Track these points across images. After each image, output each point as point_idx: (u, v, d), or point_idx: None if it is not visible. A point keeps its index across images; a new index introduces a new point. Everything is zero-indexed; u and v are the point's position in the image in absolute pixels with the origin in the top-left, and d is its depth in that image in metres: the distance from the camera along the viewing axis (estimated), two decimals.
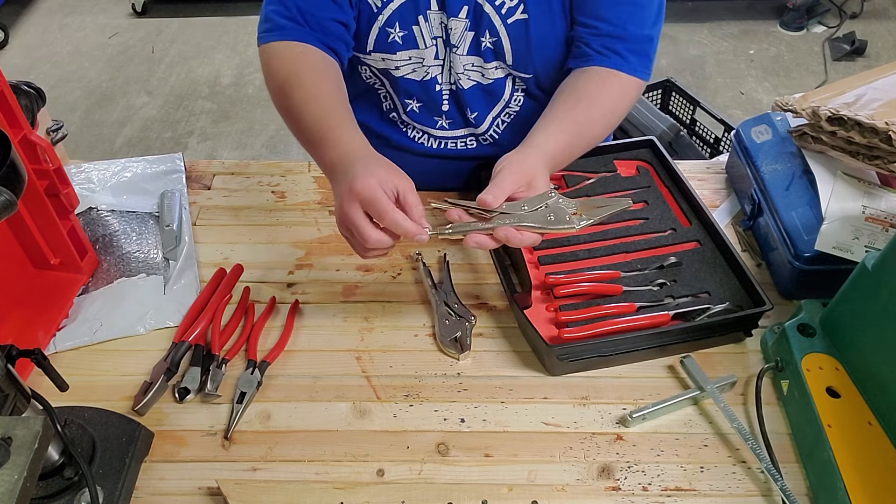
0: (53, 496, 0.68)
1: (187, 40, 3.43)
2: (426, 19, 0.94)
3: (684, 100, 2.29)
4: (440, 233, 0.77)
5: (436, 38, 0.95)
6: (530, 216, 0.77)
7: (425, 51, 0.96)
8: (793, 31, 3.33)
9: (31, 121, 0.94)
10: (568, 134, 0.87)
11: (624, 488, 0.75)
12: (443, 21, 0.94)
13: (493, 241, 0.76)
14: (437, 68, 0.98)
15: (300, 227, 1.05)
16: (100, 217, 1.06)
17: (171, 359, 0.84)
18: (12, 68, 3.15)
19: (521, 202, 0.78)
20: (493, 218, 0.77)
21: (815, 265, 0.87)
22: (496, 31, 0.93)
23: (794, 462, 0.77)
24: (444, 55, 0.97)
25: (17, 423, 0.55)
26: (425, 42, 0.95)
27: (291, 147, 2.79)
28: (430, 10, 0.93)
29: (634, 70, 0.93)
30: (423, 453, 0.78)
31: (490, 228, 0.76)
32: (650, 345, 0.85)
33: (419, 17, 0.93)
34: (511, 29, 0.93)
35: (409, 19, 0.94)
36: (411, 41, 0.95)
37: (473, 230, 0.76)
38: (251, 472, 0.76)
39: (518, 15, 0.92)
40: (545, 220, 0.77)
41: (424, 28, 0.94)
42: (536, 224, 0.77)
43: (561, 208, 0.78)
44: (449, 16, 0.93)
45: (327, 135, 0.83)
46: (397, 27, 0.94)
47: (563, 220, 0.77)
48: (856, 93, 0.92)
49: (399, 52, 0.96)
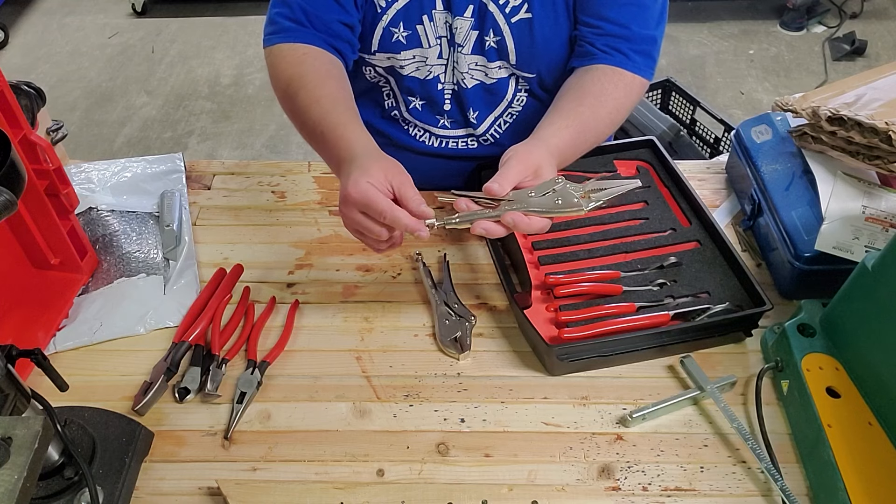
0: (53, 496, 0.68)
1: (187, 40, 3.43)
2: (431, 18, 0.94)
3: (684, 100, 2.28)
4: (447, 223, 0.77)
5: (440, 38, 0.96)
6: (538, 201, 0.77)
7: (429, 50, 0.96)
8: (793, 31, 3.33)
9: (31, 121, 0.94)
10: (574, 129, 0.87)
11: (624, 488, 0.75)
12: (447, 21, 0.94)
13: (500, 228, 0.76)
14: (439, 67, 0.99)
15: (300, 227, 1.05)
16: (100, 217, 1.06)
17: (171, 359, 0.84)
18: (12, 68, 3.15)
19: (528, 190, 0.78)
20: (500, 206, 0.77)
21: (815, 265, 0.87)
22: (500, 30, 0.93)
23: (794, 462, 0.77)
24: (448, 55, 0.97)
25: (17, 423, 0.55)
26: (429, 41, 0.95)
27: (291, 147, 2.79)
28: (436, 9, 0.93)
29: (638, 69, 0.93)
30: (423, 453, 0.78)
31: (497, 216, 0.76)
32: (650, 345, 0.85)
33: (423, 16, 0.94)
34: (515, 28, 0.93)
35: (414, 19, 0.94)
36: (415, 40, 0.95)
37: (481, 218, 0.76)
38: (251, 472, 0.76)
39: (522, 14, 0.92)
40: (553, 203, 0.77)
41: (429, 27, 0.94)
42: (544, 209, 0.77)
43: (569, 192, 0.78)
44: (454, 15, 0.93)
45: (330, 134, 0.84)
46: (401, 27, 0.94)
47: (571, 204, 0.77)
48: (856, 93, 0.92)
49: (403, 51, 0.96)
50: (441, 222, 0.76)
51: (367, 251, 1.01)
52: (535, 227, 0.77)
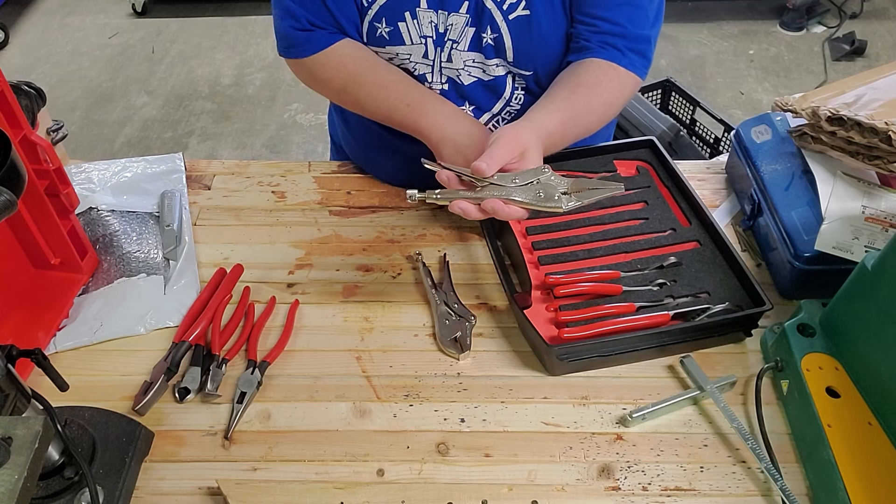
0: (53, 496, 0.68)
1: (187, 40, 3.43)
2: (414, 16, 0.93)
3: (684, 100, 2.28)
4: (427, 196, 0.78)
5: (425, 38, 0.95)
6: (520, 190, 0.78)
7: (412, 47, 0.96)
8: (793, 32, 3.33)
9: (31, 121, 0.94)
10: (565, 115, 0.89)
11: (624, 488, 0.75)
12: (433, 20, 0.94)
13: (478, 212, 0.77)
14: (425, 66, 0.98)
15: (300, 227, 1.05)
16: (100, 217, 1.06)
17: (172, 359, 0.84)
18: (12, 68, 3.15)
19: (513, 175, 0.79)
20: (482, 189, 0.77)
21: (815, 265, 0.87)
22: (497, 26, 0.93)
23: (794, 462, 0.77)
24: (435, 55, 0.97)
25: (17, 423, 0.55)
26: (412, 39, 0.95)
27: (291, 147, 2.80)
28: (420, 7, 0.93)
29: (633, 66, 0.94)
30: (423, 453, 0.78)
31: (478, 198, 0.77)
32: (650, 345, 0.85)
33: (406, 13, 0.93)
34: (513, 25, 0.93)
35: (396, 16, 0.94)
36: (397, 37, 0.95)
37: (462, 198, 0.77)
38: (251, 472, 0.76)
39: (520, 11, 0.92)
40: (535, 195, 0.78)
41: (412, 25, 0.94)
42: (525, 199, 0.77)
43: (552, 185, 0.78)
44: (449, 11, 0.93)
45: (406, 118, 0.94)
46: (384, 22, 0.94)
47: (551, 199, 0.78)
48: (856, 93, 0.92)
49: (388, 46, 0.96)
50: (422, 195, 0.77)
51: (367, 251, 1.01)
52: (514, 215, 0.78)
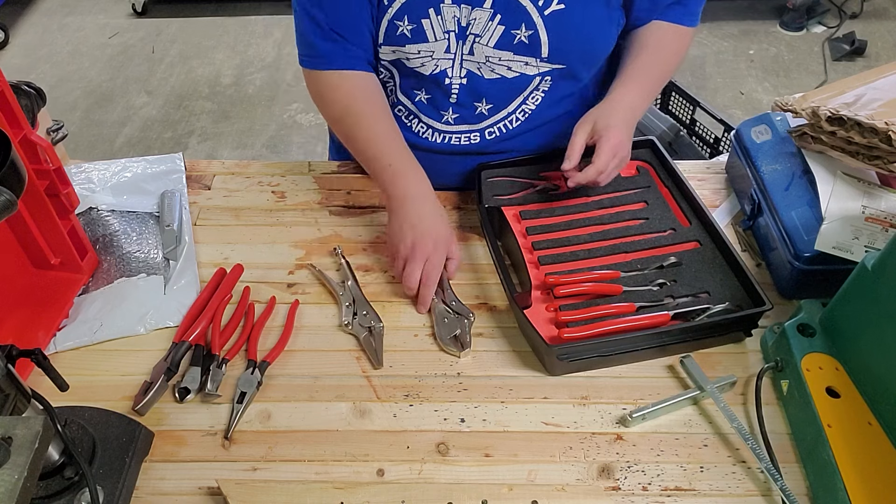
0: (53, 496, 0.68)
1: (187, 40, 3.43)
2: (438, 12, 0.93)
3: (684, 100, 2.28)
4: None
5: (448, 32, 0.94)
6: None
7: (436, 44, 0.95)
8: (793, 31, 3.33)
9: (31, 121, 0.94)
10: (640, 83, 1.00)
11: (624, 488, 0.75)
12: (456, 15, 0.93)
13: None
14: (447, 62, 0.97)
15: (300, 227, 1.05)
16: (100, 217, 1.06)
17: (172, 359, 0.84)
18: (12, 68, 3.15)
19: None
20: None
21: (815, 265, 0.87)
22: (533, 23, 0.92)
23: (794, 462, 0.77)
24: (457, 48, 0.96)
25: (17, 423, 0.55)
26: (436, 35, 0.94)
27: (291, 147, 2.79)
28: (444, 3, 0.92)
29: (682, 20, 1.06)
30: (423, 453, 0.78)
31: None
32: (650, 345, 0.85)
33: (430, 9, 0.92)
34: (549, 20, 0.92)
35: (419, 12, 0.93)
36: (420, 34, 0.94)
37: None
38: (251, 472, 0.76)
39: (555, 6, 0.91)
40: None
41: (435, 21, 0.93)
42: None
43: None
44: (473, 6, 0.92)
45: (385, 171, 0.97)
46: (406, 20, 0.93)
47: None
48: (856, 93, 0.92)
49: (408, 44, 0.95)
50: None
51: (368, 251, 1.01)
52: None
